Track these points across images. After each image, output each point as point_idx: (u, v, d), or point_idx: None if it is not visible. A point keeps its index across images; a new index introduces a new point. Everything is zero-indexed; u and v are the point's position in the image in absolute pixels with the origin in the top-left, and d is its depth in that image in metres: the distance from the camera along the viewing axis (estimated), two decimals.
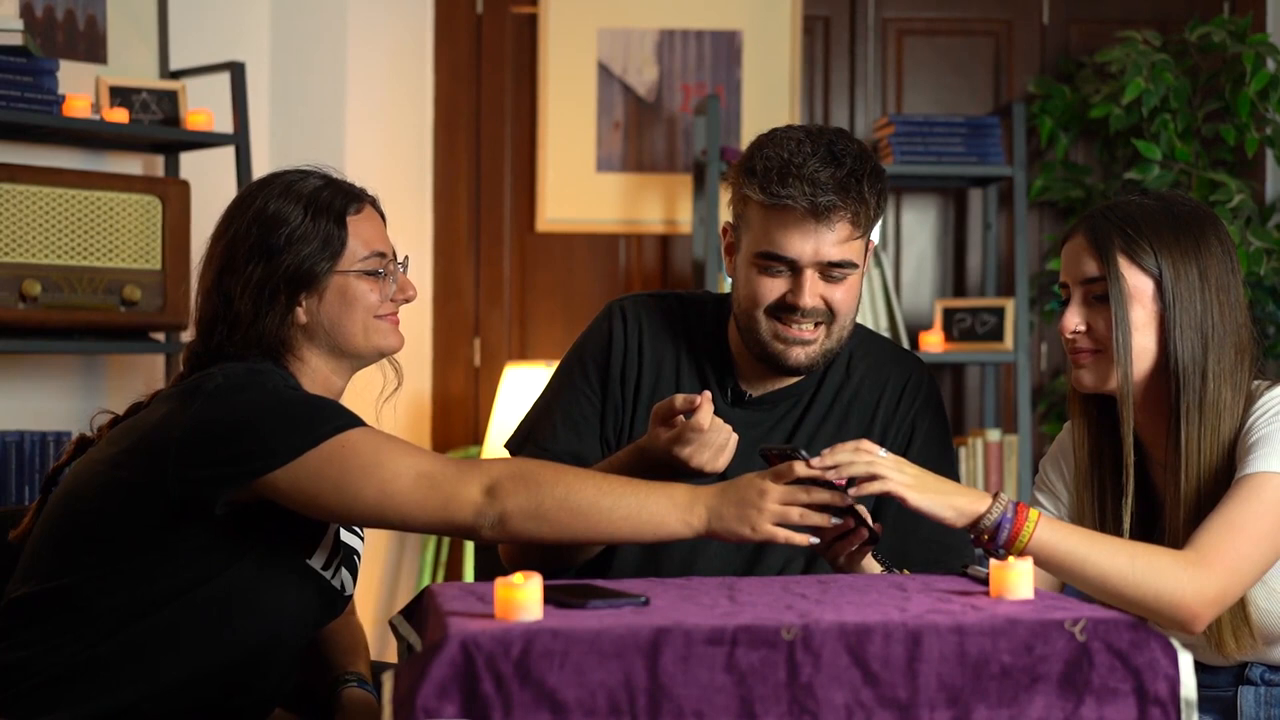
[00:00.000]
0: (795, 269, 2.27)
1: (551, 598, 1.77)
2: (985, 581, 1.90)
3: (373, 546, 4.23)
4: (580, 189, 4.56)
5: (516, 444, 2.44)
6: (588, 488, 1.98)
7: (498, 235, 4.65)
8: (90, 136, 3.69)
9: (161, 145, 3.84)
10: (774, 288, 2.29)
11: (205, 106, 3.82)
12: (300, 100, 4.27)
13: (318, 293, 2.16)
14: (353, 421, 2.04)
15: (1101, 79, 4.50)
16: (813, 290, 2.27)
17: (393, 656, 2.92)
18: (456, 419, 4.59)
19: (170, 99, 3.75)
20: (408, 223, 4.55)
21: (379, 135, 4.41)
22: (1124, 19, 4.67)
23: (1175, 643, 1.74)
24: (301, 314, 2.16)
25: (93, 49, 3.81)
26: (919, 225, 4.78)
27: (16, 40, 3.44)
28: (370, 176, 4.34)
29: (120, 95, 3.68)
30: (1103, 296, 2.20)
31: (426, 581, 4.34)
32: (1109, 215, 2.23)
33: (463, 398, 4.61)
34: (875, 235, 4.65)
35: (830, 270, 2.27)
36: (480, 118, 4.65)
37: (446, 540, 4.37)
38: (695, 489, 2.00)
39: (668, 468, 2.16)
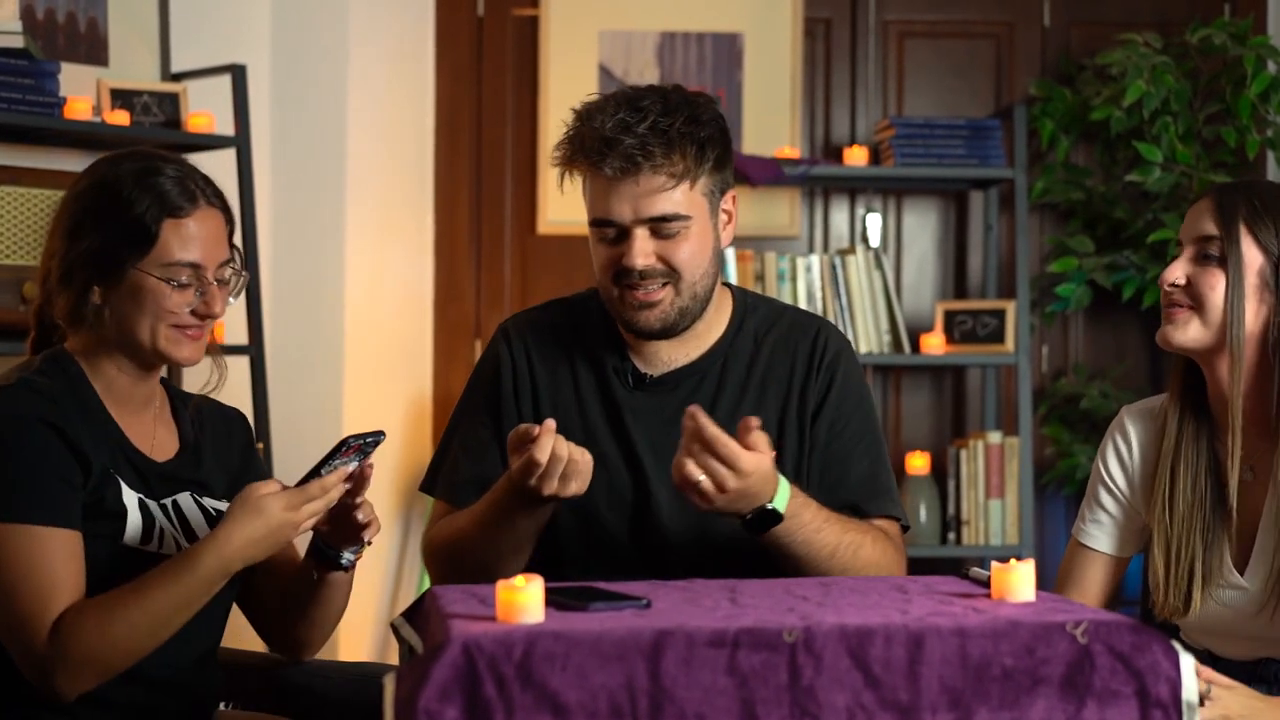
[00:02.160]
0: (624, 231, 2.28)
1: (553, 600, 1.77)
2: (987, 584, 1.90)
3: (376, 548, 4.24)
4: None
5: (428, 484, 2.45)
6: (135, 606, 2.01)
7: (499, 237, 4.65)
8: (91, 139, 3.69)
9: (163, 147, 3.83)
10: (610, 254, 2.30)
11: (206, 109, 3.82)
12: (301, 103, 4.27)
13: (113, 284, 2.14)
14: (17, 513, 2.03)
15: (1102, 81, 4.50)
16: (642, 249, 2.27)
17: (394, 659, 2.92)
18: None
19: (171, 101, 3.75)
20: (408, 225, 4.55)
21: (380, 137, 4.41)
22: (1125, 21, 4.67)
23: (1177, 645, 1.74)
24: (96, 297, 2.14)
25: (94, 51, 3.81)
26: (920, 227, 4.78)
27: (18, 43, 3.44)
28: (371, 179, 4.37)
29: (121, 98, 3.68)
30: (1213, 256, 2.22)
31: (428, 584, 4.34)
32: (1240, 186, 2.26)
33: None
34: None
35: (660, 226, 2.27)
36: (481, 120, 4.65)
37: None
38: (218, 544, 2.03)
39: (531, 495, 2.15)
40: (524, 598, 1.71)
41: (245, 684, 2.38)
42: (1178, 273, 2.24)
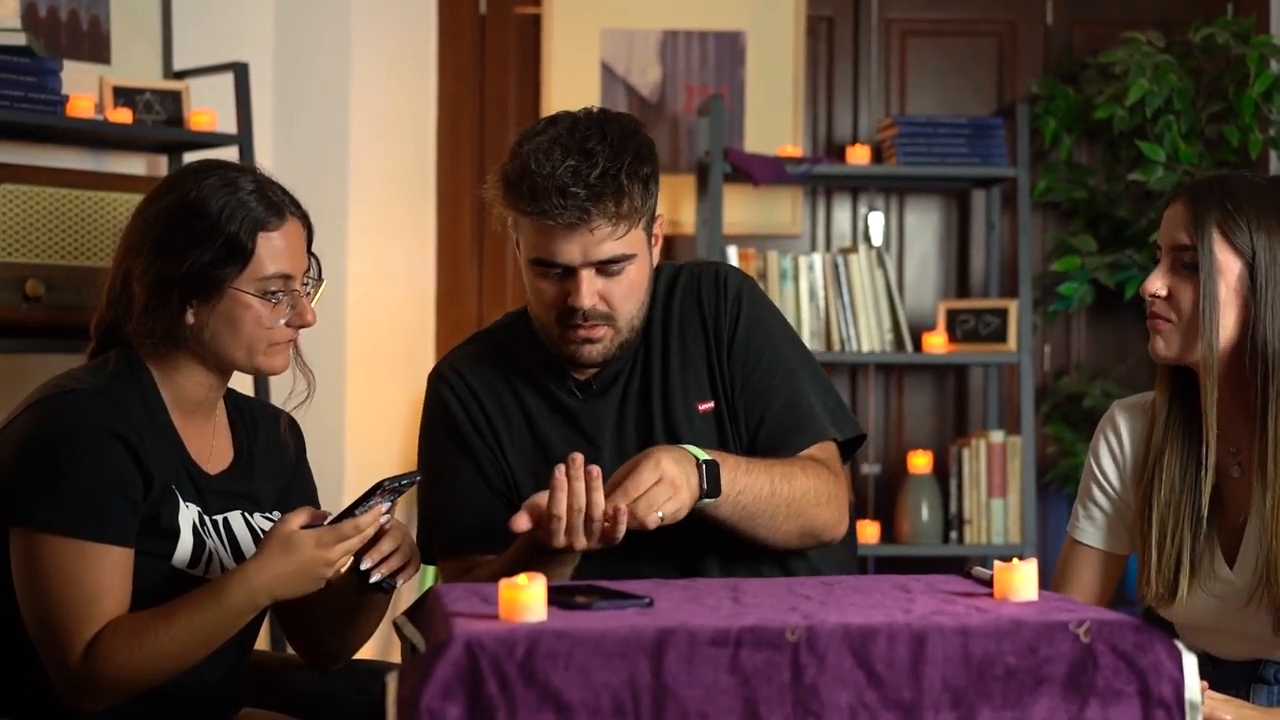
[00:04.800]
0: (569, 270, 2.28)
1: (555, 599, 1.77)
2: (989, 583, 1.90)
3: None
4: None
5: (427, 553, 2.41)
6: (164, 633, 2.02)
7: (501, 236, 4.64)
8: (94, 137, 3.69)
9: (165, 146, 3.84)
10: (554, 291, 2.30)
11: (209, 107, 3.82)
12: (304, 101, 4.27)
13: (211, 302, 2.14)
14: (74, 527, 2.03)
15: (1105, 80, 4.49)
16: (590, 289, 2.28)
17: (397, 657, 2.92)
18: None
19: (174, 99, 3.75)
20: (410, 224, 4.55)
21: (382, 135, 4.41)
22: (1127, 20, 4.67)
23: (1179, 644, 1.74)
24: (190, 316, 2.14)
25: (96, 49, 3.80)
26: (922, 226, 4.77)
27: (19, 40, 3.43)
28: (373, 177, 4.37)
29: (124, 95, 3.67)
30: (1189, 265, 2.19)
31: (431, 582, 4.34)
32: (1213, 187, 2.21)
33: None
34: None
35: (607, 266, 2.28)
36: (484, 118, 4.65)
37: None
38: (246, 577, 2.04)
39: (555, 550, 2.16)
40: (527, 596, 1.71)
41: (249, 681, 2.38)
42: (1157, 284, 2.22)
